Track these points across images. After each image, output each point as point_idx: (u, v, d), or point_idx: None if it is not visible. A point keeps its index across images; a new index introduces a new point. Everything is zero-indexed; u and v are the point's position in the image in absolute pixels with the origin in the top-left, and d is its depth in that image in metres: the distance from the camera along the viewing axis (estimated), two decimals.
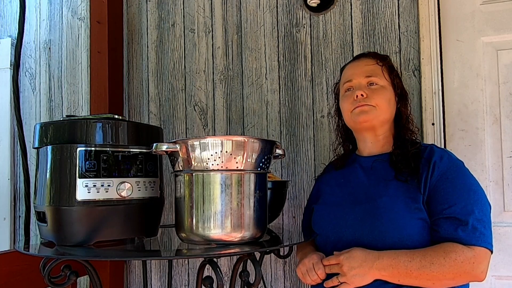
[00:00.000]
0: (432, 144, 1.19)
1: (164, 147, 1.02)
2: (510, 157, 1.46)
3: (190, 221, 1.01)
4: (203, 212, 1.00)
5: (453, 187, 1.05)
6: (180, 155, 1.02)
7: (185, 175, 1.03)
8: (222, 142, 0.99)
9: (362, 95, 1.15)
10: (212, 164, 0.99)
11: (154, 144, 1.02)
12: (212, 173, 1.00)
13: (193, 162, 1.00)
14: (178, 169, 1.05)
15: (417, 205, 1.05)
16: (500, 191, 1.46)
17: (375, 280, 1.03)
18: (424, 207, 1.06)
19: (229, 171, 1.00)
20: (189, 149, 1.00)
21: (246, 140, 1.02)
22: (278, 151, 1.13)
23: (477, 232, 0.99)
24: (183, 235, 1.05)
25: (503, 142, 1.47)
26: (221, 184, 0.99)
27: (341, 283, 1.04)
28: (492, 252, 1.01)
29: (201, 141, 0.99)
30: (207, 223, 0.99)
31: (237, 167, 1.00)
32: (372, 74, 1.17)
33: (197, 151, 1.00)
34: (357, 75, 1.18)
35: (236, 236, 1.01)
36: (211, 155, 0.99)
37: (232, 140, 1.00)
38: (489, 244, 1.00)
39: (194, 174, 1.01)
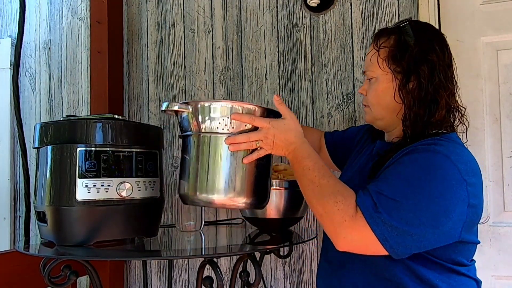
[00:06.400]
0: (432, 140, 0.93)
1: (175, 107, 1.01)
2: (510, 157, 1.46)
3: (195, 183, 1.00)
4: (209, 175, 0.99)
5: (394, 171, 0.89)
6: (191, 117, 1.01)
7: (194, 137, 1.02)
8: (232, 107, 0.99)
9: (362, 93, 1.10)
10: (222, 129, 0.99)
11: (166, 103, 1.01)
12: (220, 136, 0.98)
13: (202, 125, 1.00)
14: (188, 131, 1.04)
15: None
16: (500, 191, 1.46)
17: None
18: None
19: None
20: (200, 111, 1.00)
21: (256, 108, 1.01)
22: None
23: (369, 201, 0.85)
24: (187, 195, 1.02)
25: (503, 142, 1.47)
26: (229, 149, 0.98)
27: (260, 148, 0.99)
28: (378, 238, 0.83)
29: (212, 105, 0.99)
30: (213, 186, 0.99)
31: None
32: (366, 69, 1.07)
33: (208, 114, 0.99)
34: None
35: (239, 202, 1.00)
36: (222, 119, 0.98)
37: (243, 107, 1.00)
38: (373, 223, 0.83)
39: (203, 136, 1.00)
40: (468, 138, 1.06)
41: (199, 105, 1.00)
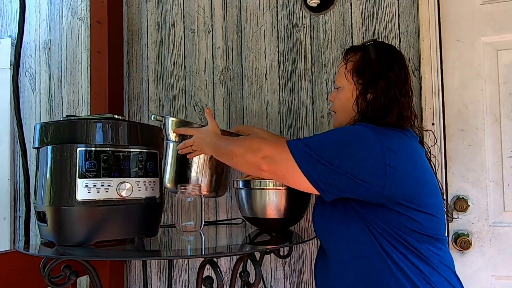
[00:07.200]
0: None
1: (158, 118, 1.39)
2: (510, 157, 1.46)
3: (165, 176, 1.37)
4: (168, 170, 1.37)
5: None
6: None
7: (172, 144, 1.37)
8: (174, 122, 1.35)
9: (331, 100, 1.22)
10: (174, 138, 1.35)
11: (153, 115, 1.40)
12: (172, 143, 1.36)
13: (167, 134, 1.36)
14: (169, 139, 1.37)
15: None
16: (500, 191, 1.46)
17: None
18: None
19: None
20: (163, 123, 1.38)
21: (188, 124, 1.35)
22: None
23: (293, 140, 1.03)
24: (168, 184, 1.38)
25: (503, 142, 1.47)
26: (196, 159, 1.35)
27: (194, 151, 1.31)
28: (295, 160, 0.99)
29: (166, 121, 1.36)
30: (169, 179, 1.37)
31: None
32: (336, 79, 1.20)
33: (165, 127, 1.36)
34: None
35: (205, 190, 1.35)
36: (172, 131, 1.35)
37: (183, 121, 1.37)
38: (292, 145, 1.01)
39: (166, 142, 1.37)
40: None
41: (165, 119, 1.36)
